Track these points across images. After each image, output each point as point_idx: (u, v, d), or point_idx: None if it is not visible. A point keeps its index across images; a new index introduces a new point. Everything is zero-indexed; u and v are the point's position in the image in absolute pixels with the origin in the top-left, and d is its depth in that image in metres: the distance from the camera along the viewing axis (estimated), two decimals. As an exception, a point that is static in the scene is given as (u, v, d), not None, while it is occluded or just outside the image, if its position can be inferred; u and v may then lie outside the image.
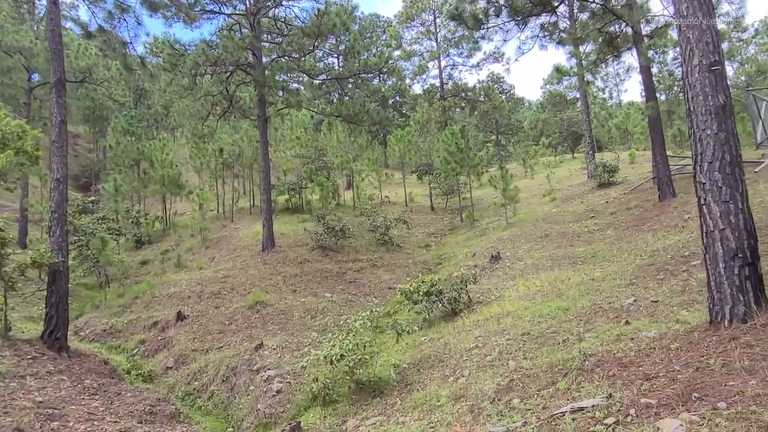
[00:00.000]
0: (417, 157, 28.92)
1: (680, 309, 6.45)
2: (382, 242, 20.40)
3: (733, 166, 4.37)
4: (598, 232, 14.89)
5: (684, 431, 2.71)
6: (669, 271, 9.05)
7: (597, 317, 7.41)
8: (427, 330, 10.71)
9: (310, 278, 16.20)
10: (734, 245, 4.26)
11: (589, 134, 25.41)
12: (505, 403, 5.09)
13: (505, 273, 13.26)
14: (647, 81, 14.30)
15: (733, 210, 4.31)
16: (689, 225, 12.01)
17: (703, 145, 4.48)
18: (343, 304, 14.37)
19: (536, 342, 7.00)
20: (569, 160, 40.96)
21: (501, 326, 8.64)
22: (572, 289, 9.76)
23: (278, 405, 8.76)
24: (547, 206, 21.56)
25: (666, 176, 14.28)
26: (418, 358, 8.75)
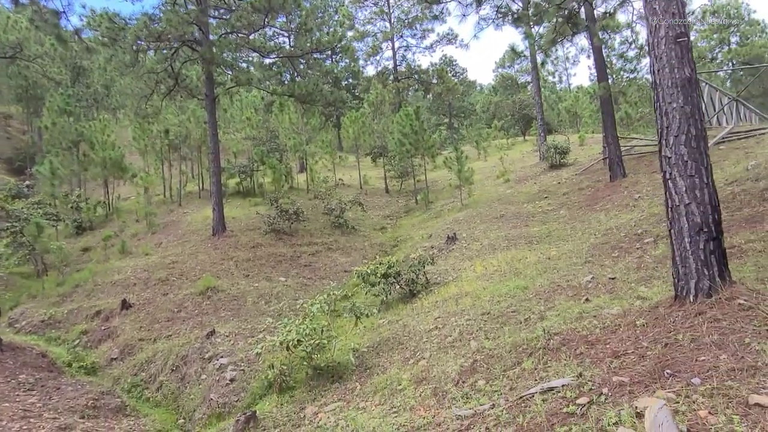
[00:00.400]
0: (371, 139, 28.60)
1: (639, 285, 6.49)
2: (337, 225, 20.08)
3: (699, 140, 4.32)
4: (552, 212, 15.08)
5: (670, 411, 2.59)
6: (623, 248, 9.17)
7: (556, 295, 7.40)
8: (385, 312, 10.55)
9: (264, 263, 15.75)
10: (699, 220, 4.22)
11: (541, 116, 25.74)
12: (470, 385, 4.96)
13: (462, 254, 13.23)
14: (599, 61, 14.45)
15: (698, 184, 4.26)
16: (640, 204, 12.26)
17: (669, 118, 4.40)
18: (299, 288, 14.04)
19: (497, 321, 6.92)
20: (521, 143, 41.58)
21: (460, 306, 8.55)
22: (529, 268, 9.78)
23: (232, 394, 8.41)
24: (501, 187, 21.75)
25: (617, 156, 14.55)
26: (377, 341, 8.57)
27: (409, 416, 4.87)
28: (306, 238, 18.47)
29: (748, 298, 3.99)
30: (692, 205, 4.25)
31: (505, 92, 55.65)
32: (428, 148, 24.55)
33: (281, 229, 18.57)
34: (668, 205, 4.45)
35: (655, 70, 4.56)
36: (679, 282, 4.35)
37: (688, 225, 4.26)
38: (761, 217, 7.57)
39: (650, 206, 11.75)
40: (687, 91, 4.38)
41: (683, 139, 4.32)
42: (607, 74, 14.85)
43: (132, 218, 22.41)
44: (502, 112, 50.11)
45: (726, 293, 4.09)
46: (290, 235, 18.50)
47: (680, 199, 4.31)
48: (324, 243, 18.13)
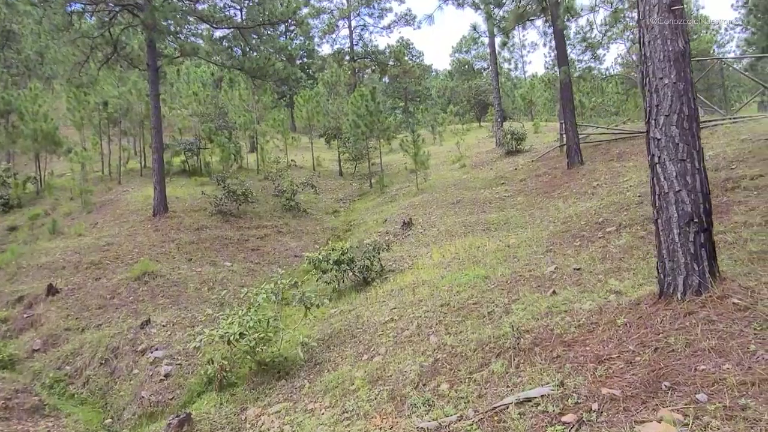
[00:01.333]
0: (325, 119, 27.66)
1: (608, 277, 6.13)
2: (288, 208, 19.25)
3: (691, 121, 3.89)
4: (510, 198, 14.80)
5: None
6: (585, 237, 8.88)
7: (519, 286, 6.99)
8: (338, 301, 9.95)
9: (208, 246, 14.81)
10: (690, 209, 3.80)
11: (498, 102, 25.52)
12: (433, 389, 4.43)
13: (418, 240, 12.76)
14: (560, 46, 14.16)
15: (690, 169, 3.84)
16: (599, 192, 12.08)
17: (660, 95, 3.94)
18: (245, 273, 13.24)
19: (458, 314, 6.44)
20: (476, 129, 41.52)
21: (417, 296, 8.05)
22: (489, 256, 9.38)
23: (166, 391, 7.65)
24: (457, 172, 21.42)
25: (575, 143, 14.37)
26: (328, 333, 7.97)
27: (363, 425, 4.31)
28: (255, 220, 17.58)
29: (743, 296, 3.61)
30: (683, 192, 3.83)
31: (461, 77, 55.46)
32: (384, 130, 23.94)
33: (228, 210, 17.60)
34: (655, 192, 4.01)
35: (645, 41, 4.09)
36: (665, 277, 3.94)
37: (677, 215, 3.84)
38: (726, 207, 7.37)
39: (609, 194, 11.57)
40: (680, 65, 3.93)
41: (675, 119, 3.88)
42: (567, 59, 14.59)
43: (66, 196, 20.81)
44: (458, 97, 49.91)
45: (717, 291, 3.70)
46: (238, 217, 17.56)
47: (670, 186, 3.88)
48: (274, 226, 17.30)
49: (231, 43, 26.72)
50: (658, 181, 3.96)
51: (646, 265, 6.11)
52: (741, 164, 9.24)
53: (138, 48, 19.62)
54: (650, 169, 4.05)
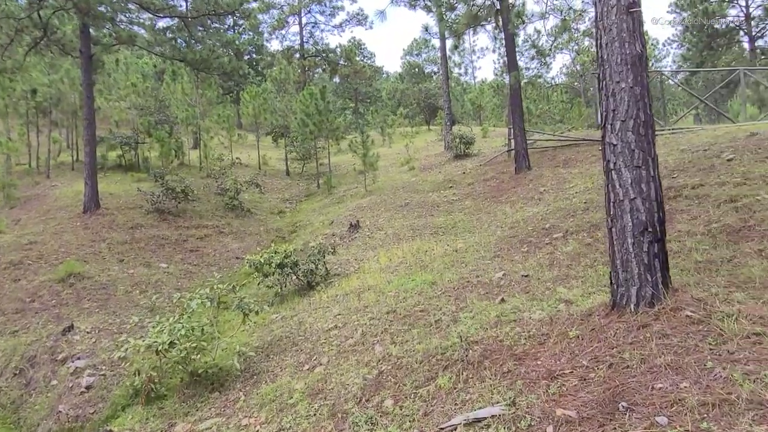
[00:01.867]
0: (273, 117, 26.97)
1: (556, 285, 6.02)
2: (231, 207, 18.54)
3: (647, 127, 3.77)
4: (458, 202, 14.74)
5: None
6: (532, 243, 8.83)
7: (467, 293, 6.81)
8: (279, 306, 9.52)
9: (143, 246, 13.98)
10: (645, 218, 3.67)
11: (448, 105, 25.61)
12: (376, 405, 4.14)
13: (365, 243, 12.47)
14: (510, 51, 14.23)
15: (645, 177, 3.71)
16: (545, 197, 12.16)
17: (617, 100, 3.81)
18: (182, 276, 12.55)
19: (404, 322, 6.18)
20: (425, 132, 41.70)
21: (363, 302, 7.75)
22: (436, 261, 9.19)
23: (88, 405, 7.01)
24: (406, 175, 21.29)
25: (523, 149, 14.47)
26: (268, 341, 7.55)
27: (300, 446, 3.96)
28: (195, 220, 16.80)
29: (695, 308, 3.50)
30: (638, 200, 3.70)
31: (411, 80, 55.68)
32: (333, 130, 23.53)
33: (166, 209, 16.73)
34: (610, 200, 3.87)
35: (602, 43, 3.95)
36: (618, 288, 3.80)
37: (632, 223, 3.70)
38: (670, 216, 7.45)
39: (555, 200, 11.66)
40: (637, 69, 3.81)
41: (631, 125, 3.75)
42: (517, 64, 14.69)
43: (-15, 190, 19.29)
44: (408, 100, 50.03)
45: (670, 302, 3.58)
46: (177, 216, 16.72)
47: (625, 193, 3.74)
48: (215, 226, 16.58)
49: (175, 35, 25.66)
50: (613, 188, 3.82)
51: (594, 273, 6.05)
52: (682, 173, 9.45)
53: (72, 33, 18.40)
54: (605, 176, 3.91)
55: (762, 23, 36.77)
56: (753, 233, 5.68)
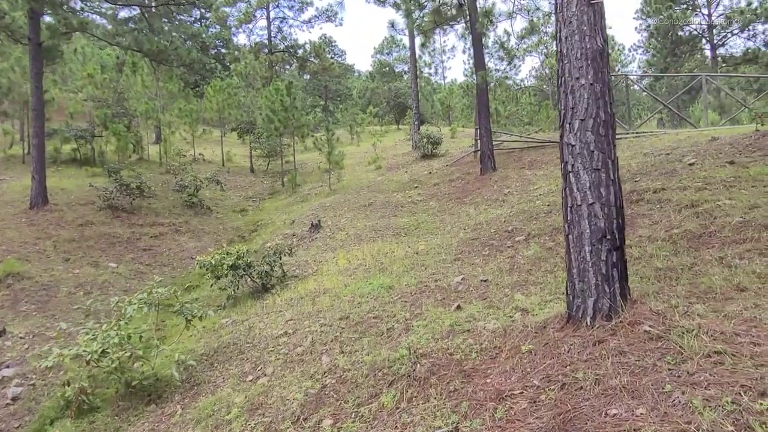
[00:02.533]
0: (237, 113, 26.27)
1: (514, 291, 5.78)
2: (190, 204, 17.89)
3: (608, 127, 3.51)
4: (422, 202, 14.48)
5: None
6: (494, 246, 8.61)
7: (424, 298, 6.52)
8: (231, 309, 9.07)
9: (92, 244, 13.29)
10: (603, 224, 3.42)
11: (417, 105, 25.38)
12: (314, 426, 3.78)
13: (326, 243, 12.08)
14: (478, 50, 14.03)
15: (604, 180, 3.46)
16: (509, 199, 12.00)
17: (576, 97, 3.54)
18: (132, 276, 11.94)
19: (356, 330, 5.85)
20: (394, 131, 41.43)
21: (317, 307, 7.39)
22: (396, 264, 8.89)
23: (12, 418, 6.46)
24: (372, 174, 20.96)
25: (489, 149, 14.30)
26: (214, 348, 7.11)
27: (227, 473, 3.58)
28: (150, 217, 16.12)
29: (654, 323, 3.26)
30: (596, 205, 3.44)
31: (382, 79, 55.39)
32: (298, 127, 23.02)
33: (120, 205, 16.01)
34: (567, 204, 3.60)
35: (562, 36, 3.68)
36: (574, 300, 3.54)
37: (590, 230, 3.45)
38: (631, 221, 7.32)
39: (519, 202, 11.50)
40: (598, 65, 3.55)
41: (591, 124, 3.49)
42: (485, 64, 14.51)
43: (-75, 183, 18.17)
44: (378, 98, 49.71)
45: (628, 316, 3.33)
46: (131, 213, 16.02)
47: (583, 198, 3.48)
48: (171, 224, 15.94)
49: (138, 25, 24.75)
50: (570, 192, 3.56)
51: (554, 279, 5.82)
52: (644, 177, 9.37)
53: (22, 20, 17.44)
54: (563, 179, 3.65)
55: (723, 32, 37.72)
56: (713, 240, 5.53)
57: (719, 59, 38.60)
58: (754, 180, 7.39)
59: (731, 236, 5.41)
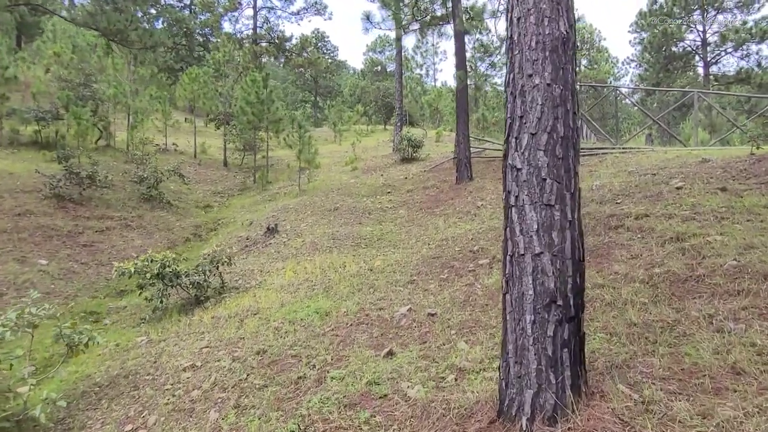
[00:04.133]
0: (212, 103, 25.06)
1: (460, 336, 4.76)
2: (147, 198, 16.72)
3: (568, 147, 2.50)
4: (391, 210, 13.46)
5: None
6: (455, 268, 7.61)
7: (359, 333, 5.50)
8: (153, 325, 7.98)
9: (26, 237, 12.09)
10: (553, 284, 2.41)
11: (400, 105, 24.35)
12: None
13: (278, 251, 11.01)
14: (460, 49, 13.03)
15: (558, 222, 2.44)
16: (481, 213, 11.01)
17: (527, 102, 2.53)
18: (61, 275, 10.78)
19: (265, 374, 4.80)
20: (381, 131, 40.45)
21: (240, 332, 6.33)
22: (344, 282, 7.85)
23: None
24: (347, 175, 19.90)
25: (466, 157, 13.31)
26: (113, 375, 6.03)
27: None
28: (100, 209, 14.92)
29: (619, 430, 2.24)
30: (545, 257, 2.43)
31: (372, 77, 54.33)
32: (274, 121, 21.89)
33: (68, 195, 14.77)
34: (507, 251, 2.59)
35: (513, 17, 2.67)
36: (507, 388, 2.52)
37: (534, 291, 2.43)
38: (607, 250, 6.35)
39: (491, 217, 10.52)
40: (560, 59, 2.54)
41: (544, 141, 2.47)
42: (466, 63, 13.52)
43: None
44: (368, 97, 48.67)
45: (581, 421, 2.32)
46: (79, 204, 14.80)
47: (528, 245, 2.46)
48: (122, 218, 14.76)
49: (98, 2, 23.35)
50: (512, 235, 2.54)
51: (508, 323, 4.81)
52: (627, 199, 8.41)
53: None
54: (504, 215, 2.63)
55: (717, 50, 37.22)
56: (701, 287, 4.56)
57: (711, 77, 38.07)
58: (749, 212, 6.44)
59: (723, 284, 4.44)
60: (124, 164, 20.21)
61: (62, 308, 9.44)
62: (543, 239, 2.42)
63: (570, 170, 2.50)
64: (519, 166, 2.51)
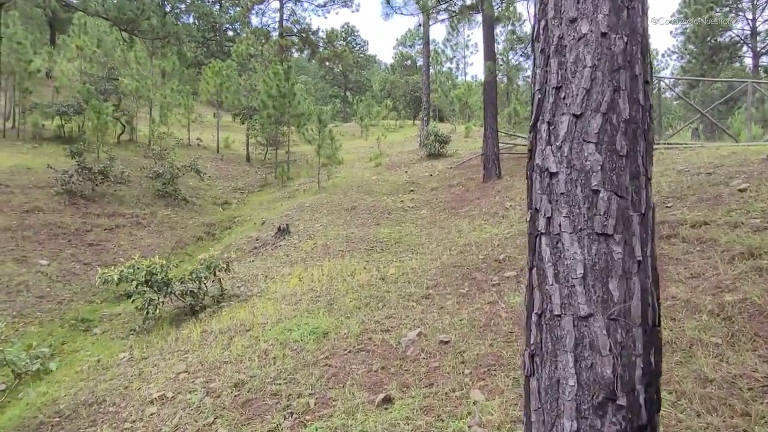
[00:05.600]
0: (234, 97, 24.48)
1: (474, 380, 3.79)
2: (163, 194, 16.15)
3: (635, 137, 1.51)
4: (413, 210, 12.49)
5: None
6: (476, 281, 6.61)
7: (356, 364, 4.59)
8: (141, 338, 7.24)
9: (30, 235, 11.59)
10: (611, 369, 1.41)
11: (427, 98, 23.28)
12: None
13: (287, 254, 10.17)
14: (488, 37, 11.93)
15: (621, 262, 1.46)
16: (510, 215, 9.95)
17: (567, 62, 1.55)
18: (59, 277, 10.19)
19: (234, 419, 3.94)
20: (409, 126, 39.38)
21: (223, 356, 5.49)
22: (351, 295, 6.94)
23: None
24: (369, 172, 18.99)
25: (494, 153, 12.23)
26: (77, 404, 5.26)
27: None
28: (112, 206, 14.39)
29: None
30: (597, 322, 1.44)
31: (402, 72, 53.26)
32: (296, 115, 21.11)
33: (80, 191, 14.29)
34: (532, 309, 1.60)
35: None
36: None
37: (577, 381, 1.45)
38: (660, 266, 5.26)
39: (520, 220, 9.46)
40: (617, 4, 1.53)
41: (596, 127, 1.49)
42: (495, 54, 12.42)
43: None
44: (397, 91, 47.60)
45: None
46: (91, 200, 14.31)
47: (566, 300, 1.48)
48: (134, 216, 14.19)
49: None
50: (540, 283, 1.56)
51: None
52: (679, 203, 7.25)
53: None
54: (528, 248, 1.66)
55: (768, 39, 34.99)
56: (796, 325, 3.47)
57: (761, 68, 35.75)
58: (839, 221, 5.27)
59: (827, 323, 3.35)
60: (144, 159, 19.76)
61: (54, 314, 8.82)
62: (594, 292, 1.44)
63: (639, 176, 1.51)
64: (553, 168, 1.53)
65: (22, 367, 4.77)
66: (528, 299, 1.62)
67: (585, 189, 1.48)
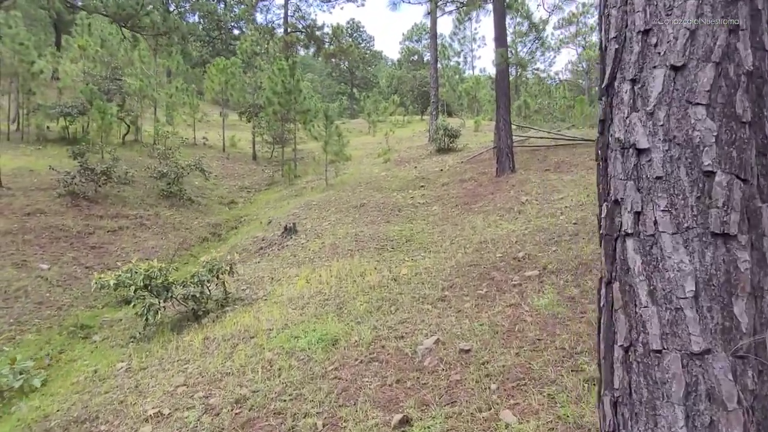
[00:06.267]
0: (240, 94, 24.12)
1: (502, 397, 3.35)
2: (167, 194, 15.80)
3: (761, 95, 1.05)
4: (424, 206, 12.04)
5: None
6: (495, 281, 6.17)
7: (368, 377, 4.17)
8: (141, 347, 6.84)
9: (31, 238, 11.27)
10: (741, 430, 0.96)
11: (435, 93, 22.80)
12: None
13: (294, 255, 9.77)
14: (500, 24, 11.42)
15: (749, 274, 1.00)
16: (526, 210, 9.48)
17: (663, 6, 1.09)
18: (60, 282, 9.85)
19: (237, 440, 3.52)
20: (417, 122, 38.87)
21: (225, 367, 5.09)
22: (361, 297, 6.51)
23: None
24: (378, 168, 18.54)
25: (507, 146, 11.74)
26: (69, 421, 4.88)
27: None
28: (115, 207, 14.05)
29: None
30: (718, 361, 0.99)
31: (409, 67, 52.67)
32: (302, 112, 20.70)
33: (82, 192, 13.96)
34: (609, 341, 1.16)
35: None
36: None
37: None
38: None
39: (538, 215, 8.99)
40: None
41: (709, 79, 1.04)
42: (507, 41, 11.91)
43: None
44: (405, 87, 47.08)
45: None
46: (94, 201, 13.98)
47: (669, 328, 1.04)
48: (138, 217, 13.85)
49: None
50: (627, 304, 1.11)
51: (574, 384, 3.36)
52: None
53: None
54: (603, 252, 1.22)
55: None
56: None
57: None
58: None
59: None
60: (149, 159, 19.44)
61: (53, 321, 8.49)
62: (711, 318, 1.00)
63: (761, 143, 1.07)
64: (643, 143, 1.09)
65: (4, 384, 4.42)
66: (605, 325, 1.18)
67: (693, 171, 1.03)
